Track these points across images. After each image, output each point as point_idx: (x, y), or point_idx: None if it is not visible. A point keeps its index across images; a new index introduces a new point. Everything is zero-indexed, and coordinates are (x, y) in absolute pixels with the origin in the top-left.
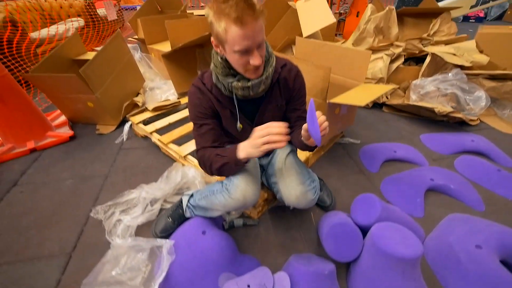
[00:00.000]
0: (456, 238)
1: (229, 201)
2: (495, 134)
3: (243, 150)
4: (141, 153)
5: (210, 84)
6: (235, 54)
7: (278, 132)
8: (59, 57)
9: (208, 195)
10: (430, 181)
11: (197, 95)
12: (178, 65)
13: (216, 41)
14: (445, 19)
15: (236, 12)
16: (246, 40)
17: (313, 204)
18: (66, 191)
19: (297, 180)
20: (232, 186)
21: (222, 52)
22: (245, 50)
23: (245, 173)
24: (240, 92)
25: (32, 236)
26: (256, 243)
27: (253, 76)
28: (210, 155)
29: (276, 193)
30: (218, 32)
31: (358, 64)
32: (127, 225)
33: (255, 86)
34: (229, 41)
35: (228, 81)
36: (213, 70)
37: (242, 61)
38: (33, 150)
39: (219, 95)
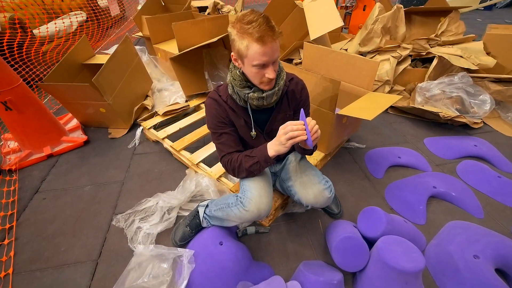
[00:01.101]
0: (455, 247)
1: (244, 214)
2: (498, 137)
3: (272, 148)
4: (154, 158)
5: (226, 95)
6: (253, 68)
7: (297, 129)
8: (69, 63)
9: (224, 208)
10: (433, 188)
11: (214, 106)
12: (186, 66)
13: (236, 56)
14: (454, 18)
15: (259, 33)
16: (265, 57)
17: (329, 203)
18: (86, 198)
19: (313, 180)
20: (246, 200)
21: (240, 66)
22: (263, 64)
23: (258, 185)
24: (255, 102)
25: (59, 243)
26: (268, 250)
27: (266, 87)
28: (238, 158)
29: (294, 196)
30: (240, 48)
31: (366, 72)
32: (147, 232)
33: (269, 97)
34: (249, 57)
35: (245, 92)
36: (231, 82)
37: (259, 75)
38: (50, 155)
39: (234, 105)
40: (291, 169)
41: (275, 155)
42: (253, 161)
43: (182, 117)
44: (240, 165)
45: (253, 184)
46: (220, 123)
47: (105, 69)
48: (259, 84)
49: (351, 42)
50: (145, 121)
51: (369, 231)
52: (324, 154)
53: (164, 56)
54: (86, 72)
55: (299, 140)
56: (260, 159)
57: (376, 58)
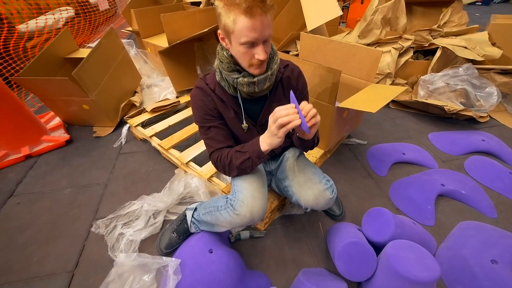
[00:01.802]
0: (470, 251)
1: (235, 218)
2: (505, 132)
3: (264, 141)
4: (141, 157)
5: (214, 84)
6: (241, 47)
7: (287, 113)
8: (50, 56)
9: (213, 211)
10: (441, 186)
11: (200, 96)
12: (176, 61)
13: (223, 33)
14: (456, 8)
15: (247, 3)
16: (253, 32)
17: (331, 204)
18: (65, 202)
19: (312, 180)
20: (237, 202)
21: (227, 46)
22: (251, 42)
23: (251, 185)
24: (246, 89)
25: (32, 253)
26: (264, 256)
27: (256, 71)
28: (228, 154)
29: (291, 197)
30: (227, 23)
31: (368, 63)
32: (130, 239)
33: (260, 82)
34: (237, 33)
35: (233, 77)
36: (218, 66)
37: (247, 55)
38: (28, 156)
39: (223, 94)
40: (288, 167)
41: (269, 149)
42: (244, 157)
43: (173, 114)
44: (230, 162)
45: (245, 184)
46: (207, 115)
47: (87, 62)
48: (249, 68)
49: (349, 34)
50: (132, 118)
51: (376, 235)
52: (323, 151)
53: (153, 51)
54: (68, 66)
55: (292, 126)
56: (252, 155)
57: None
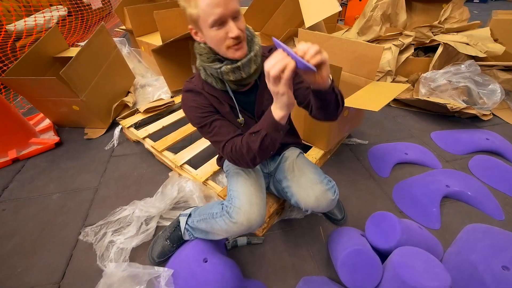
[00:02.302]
0: (478, 256)
1: (232, 227)
2: (509, 130)
3: (274, 109)
4: (133, 160)
5: (201, 83)
6: (212, 30)
7: (277, 61)
8: (38, 55)
9: (208, 218)
10: (446, 187)
11: (191, 97)
12: (170, 59)
13: (193, 26)
14: (457, 4)
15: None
16: (218, 7)
17: (333, 206)
18: (53, 208)
19: (313, 180)
20: (234, 209)
21: (201, 39)
22: (219, 20)
23: (248, 190)
24: (232, 77)
25: (16, 263)
26: (262, 264)
27: (237, 54)
28: (242, 141)
29: (290, 198)
30: (192, 13)
31: (369, 60)
32: (121, 247)
33: (245, 65)
34: (202, 16)
35: (216, 67)
36: (200, 64)
37: (220, 36)
38: (15, 160)
39: (213, 91)
40: (286, 167)
41: (283, 114)
42: (261, 136)
43: (167, 114)
44: (248, 148)
45: (242, 188)
46: (204, 113)
47: (75, 61)
48: (227, 52)
49: (348, 32)
50: (125, 119)
51: (381, 241)
52: (323, 151)
53: (147, 50)
54: (58, 66)
55: (290, 72)
56: (268, 130)
57: None
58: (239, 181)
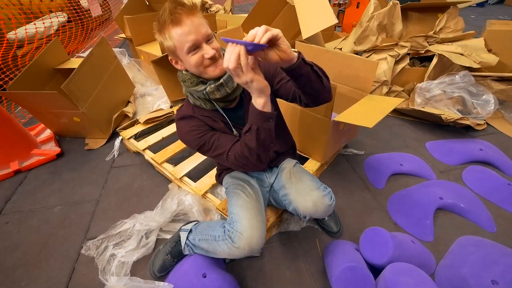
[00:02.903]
0: (469, 269)
1: (234, 251)
2: (502, 139)
3: (254, 99)
4: (134, 171)
5: (191, 109)
6: (189, 56)
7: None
8: (39, 67)
9: (210, 240)
10: (439, 199)
11: (185, 123)
12: (170, 70)
13: (172, 57)
14: (452, 14)
15: (170, 15)
16: (190, 35)
17: (330, 211)
18: (55, 221)
19: (311, 186)
20: (236, 234)
21: (182, 67)
22: (194, 45)
23: (249, 214)
24: (218, 95)
25: (19, 277)
26: (259, 277)
27: (216, 72)
28: (241, 145)
29: (289, 206)
30: (168, 45)
31: (364, 74)
32: (122, 261)
33: (228, 81)
34: (178, 46)
35: (201, 89)
36: (186, 90)
37: (197, 59)
38: (17, 171)
39: (204, 112)
40: (284, 176)
41: (263, 101)
42: (254, 132)
43: (167, 124)
44: (249, 149)
45: (243, 212)
46: (201, 132)
47: (77, 74)
48: (207, 72)
49: (345, 40)
50: (125, 131)
51: (374, 257)
52: (320, 163)
53: (147, 59)
54: (59, 77)
55: (243, 55)
56: (258, 123)
57: (372, 57)
58: (239, 203)
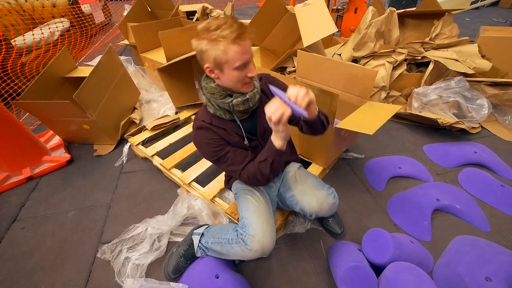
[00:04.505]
0: (465, 267)
1: (247, 253)
2: (496, 142)
3: (275, 140)
4: (143, 177)
5: (209, 118)
6: (235, 72)
7: (276, 108)
8: (49, 77)
9: (223, 243)
10: (436, 201)
11: (202, 135)
12: (175, 77)
13: (212, 66)
14: (447, 21)
15: (234, 33)
16: (245, 55)
17: (334, 210)
18: (69, 226)
19: (315, 186)
20: (249, 238)
21: (216, 76)
22: (244, 64)
23: (260, 218)
24: (242, 107)
25: (39, 279)
26: (268, 277)
27: (248, 89)
28: (254, 168)
29: (295, 206)
30: (217, 55)
31: (363, 82)
32: (136, 263)
33: (253, 97)
34: (230, 60)
35: (228, 101)
36: (210, 99)
37: (240, 76)
38: (29, 178)
39: (221, 123)
40: (289, 178)
41: (283, 143)
42: (269, 163)
43: (173, 130)
44: (261, 173)
45: (254, 217)
46: (217, 147)
47: (87, 84)
48: (241, 88)
49: (344, 46)
50: (133, 137)
51: (376, 257)
52: (322, 168)
53: (151, 66)
54: (68, 86)
55: (286, 117)
56: (274, 157)
57: (370, 63)
58: (249, 208)
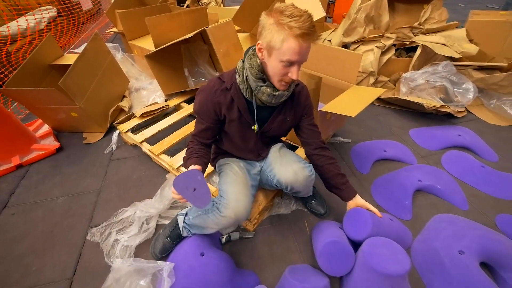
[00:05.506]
0: (441, 243)
1: (221, 220)
2: (481, 126)
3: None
4: (132, 163)
5: (231, 83)
6: (280, 64)
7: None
8: (35, 64)
9: (201, 214)
10: (418, 182)
11: (210, 93)
12: (163, 64)
13: (264, 46)
14: (436, 5)
15: (302, 29)
16: (298, 55)
17: (311, 184)
18: (59, 211)
19: (293, 159)
20: (222, 205)
21: (262, 57)
22: (291, 62)
23: (235, 189)
24: (265, 98)
25: (30, 262)
26: (253, 256)
27: (282, 88)
28: (189, 147)
29: (273, 179)
30: (274, 39)
31: (349, 65)
32: (125, 245)
33: (280, 96)
34: (282, 51)
35: (259, 84)
36: (247, 70)
37: (282, 71)
38: (19, 166)
39: (236, 95)
40: (272, 157)
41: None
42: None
43: (162, 117)
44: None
45: (230, 187)
46: (204, 113)
47: (73, 70)
48: (277, 82)
49: (335, 32)
50: (122, 124)
51: (355, 234)
52: None
53: (140, 54)
54: (54, 73)
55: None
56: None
57: (360, 49)
58: (227, 179)
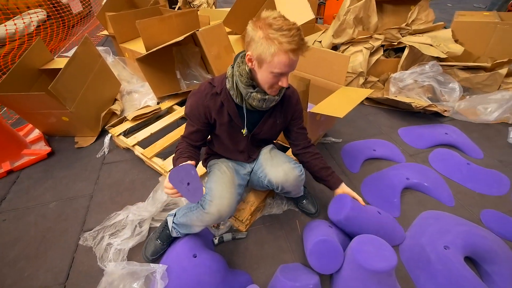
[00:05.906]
0: (427, 238)
1: (205, 217)
2: (467, 124)
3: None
4: (124, 167)
5: (221, 88)
6: (270, 74)
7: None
8: (24, 68)
9: (187, 212)
10: (406, 180)
11: (200, 97)
12: (155, 67)
13: (254, 58)
14: (423, 6)
15: (291, 45)
16: (289, 67)
17: (301, 184)
18: (51, 216)
19: (283, 160)
20: (206, 202)
21: (253, 67)
22: (282, 74)
23: (220, 186)
24: (255, 103)
25: (22, 267)
26: (245, 256)
27: (273, 93)
28: (180, 149)
29: (264, 180)
30: (264, 53)
31: (337, 67)
32: (118, 248)
33: (271, 101)
34: (272, 64)
35: (249, 91)
36: (236, 77)
37: (272, 81)
38: (9, 171)
39: (226, 99)
40: (262, 158)
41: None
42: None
43: (155, 120)
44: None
45: (215, 185)
46: (194, 116)
47: (63, 74)
48: (268, 89)
49: (325, 33)
50: (114, 128)
51: (335, 214)
52: None
53: (131, 56)
54: (44, 78)
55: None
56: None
57: (349, 50)
58: (213, 178)
